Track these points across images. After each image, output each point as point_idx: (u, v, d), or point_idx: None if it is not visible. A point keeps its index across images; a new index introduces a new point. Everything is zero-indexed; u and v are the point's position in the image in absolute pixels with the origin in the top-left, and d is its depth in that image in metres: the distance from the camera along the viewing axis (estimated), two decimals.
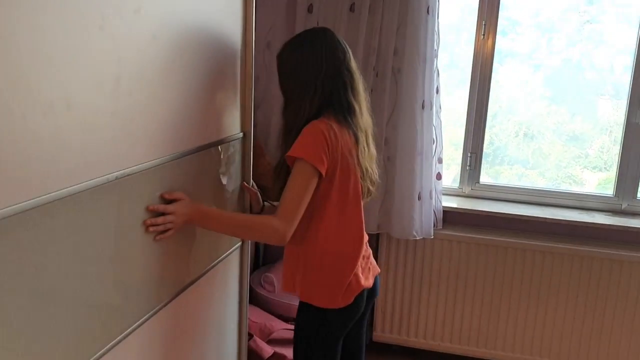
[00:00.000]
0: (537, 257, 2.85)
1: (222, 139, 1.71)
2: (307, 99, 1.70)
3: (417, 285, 2.99)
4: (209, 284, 1.68)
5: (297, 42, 1.78)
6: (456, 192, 3.15)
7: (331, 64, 1.73)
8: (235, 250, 1.82)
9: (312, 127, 1.66)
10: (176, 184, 1.48)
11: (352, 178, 1.74)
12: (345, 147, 1.70)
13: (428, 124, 2.80)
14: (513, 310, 2.91)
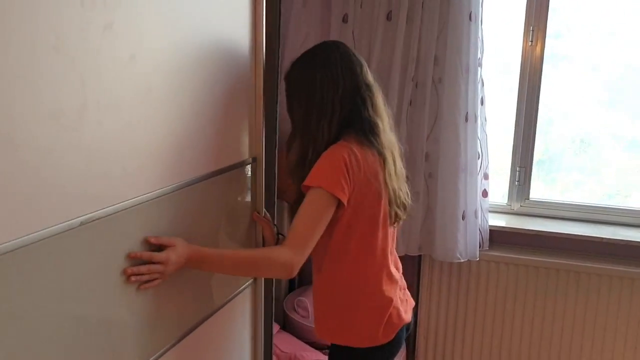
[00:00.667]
0: (592, 280, 2.61)
1: (224, 167, 1.51)
2: (324, 121, 1.55)
3: (462, 311, 2.79)
4: (215, 327, 1.53)
5: (308, 59, 1.62)
6: (504, 209, 2.94)
7: (349, 80, 1.58)
8: (246, 289, 1.65)
9: (331, 152, 1.51)
10: (167, 221, 1.30)
11: (380, 204, 1.57)
12: (370, 171, 1.54)
13: (472, 138, 2.61)
14: (566, 339, 2.68)
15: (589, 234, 2.67)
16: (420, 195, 2.67)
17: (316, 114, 1.56)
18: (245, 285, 1.64)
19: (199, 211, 1.43)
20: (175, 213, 1.33)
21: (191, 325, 1.43)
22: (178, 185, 1.32)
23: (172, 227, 1.32)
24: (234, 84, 1.52)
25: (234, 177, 1.56)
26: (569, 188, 2.97)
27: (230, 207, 1.55)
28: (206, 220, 1.46)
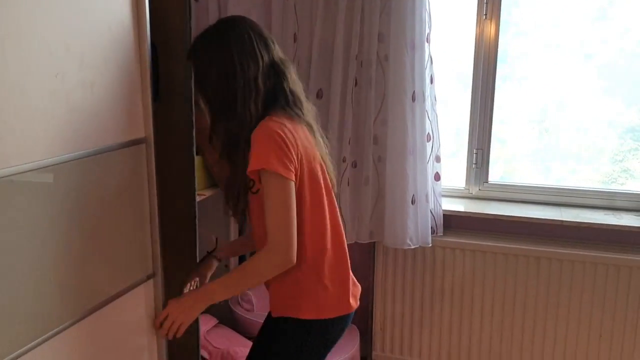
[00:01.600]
0: (554, 266, 2.48)
1: (115, 145, 1.40)
2: (250, 101, 1.48)
3: (418, 299, 2.66)
4: (110, 317, 1.42)
5: (218, 38, 1.50)
6: (462, 193, 2.81)
7: (266, 55, 1.52)
8: (146, 282, 1.53)
9: (264, 130, 1.44)
10: (51, 193, 1.22)
11: (320, 173, 1.55)
12: (305, 143, 1.51)
13: (421, 119, 2.48)
14: (528, 327, 2.55)
15: (549, 217, 2.53)
16: (370, 180, 2.54)
17: (241, 95, 1.48)
18: (141, 278, 1.52)
19: (87, 188, 1.32)
20: (60, 186, 1.24)
21: (82, 312, 1.33)
22: (60, 159, 1.22)
23: (58, 200, 1.23)
24: (121, 63, 1.39)
25: (127, 157, 1.43)
26: (564, 178, 2.84)
27: (121, 187, 1.43)
28: (94, 198, 1.34)
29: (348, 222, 2.56)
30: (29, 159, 1.14)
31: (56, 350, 1.25)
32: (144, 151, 1.47)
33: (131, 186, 1.46)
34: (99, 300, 1.37)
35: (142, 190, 1.49)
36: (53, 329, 1.24)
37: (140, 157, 1.47)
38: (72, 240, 1.27)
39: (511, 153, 2.91)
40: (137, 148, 1.45)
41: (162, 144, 1.54)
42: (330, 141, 2.46)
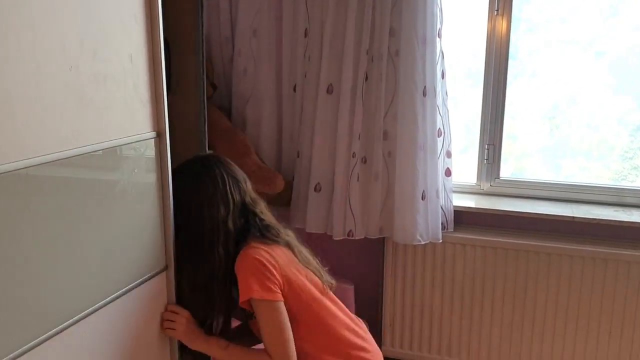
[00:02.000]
0: (564, 262, 2.46)
1: (125, 139, 1.39)
2: (219, 243, 1.54)
3: (428, 296, 2.66)
4: (125, 308, 1.43)
5: (191, 178, 1.57)
6: (473, 189, 2.80)
7: (238, 196, 1.59)
8: (158, 274, 1.54)
9: (243, 260, 1.52)
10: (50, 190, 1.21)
11: (307, 283, 1.61)
12: (285, 258, 1.58)
13: (432, 114, 2.47)
14: (538, 323, 2.54)
15: (560, 213, 2.52)
16: (379, 176, 2.54)
17: (208, 237, 1.53)
18: (158, 270, 1.53)
19: (101, 181, 1.34)
20: (74, 179, 1.25)
21: (96, 304, 1.34)
22: (74, 152, 1.23)
23: (72, 193, 1.23)
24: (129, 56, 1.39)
25: (141, 150, 1.44)
26: (573, 175, 2.82)
27: (135, 181, 1.44)
28: (107, 191, 1.35)
29: (357, 217, 2.56)
30: (42, 151, 1.15)
31: (71, 341, 1.26)
32: (157, 145, 1.48)
33: (145, 180, 1.47)
34: (113, 292, 1.38)
35: (155, 184, 1.49)
36: (68, 320, 1.25)
37: (155, 150, 1.47)
38: (86, 232, 1.28)
39: (522, 150, 2.89)
40: (150, 142, 1.46)
41: (174, 137, 1.55)
42: (339, 136, 2.49)
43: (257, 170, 2.52)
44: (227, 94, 2.77)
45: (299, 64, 2.60)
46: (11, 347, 1.11)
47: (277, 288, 1.50)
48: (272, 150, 2.73)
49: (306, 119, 2.58)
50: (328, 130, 2.53)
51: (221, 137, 2.51)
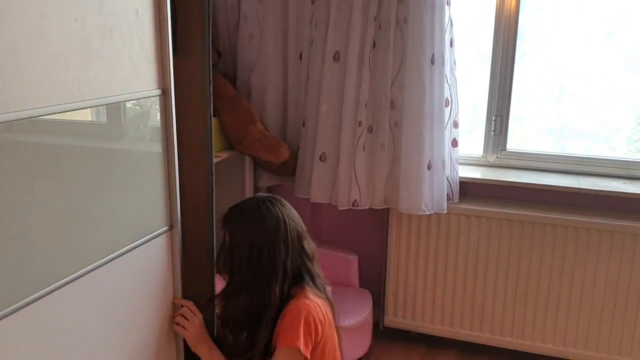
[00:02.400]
0: (569, 233, 2.45)
1: (130, 94, 1.38)
2: (275, 284, 1.57)
3: (431, 266, 2.66)
4: (128, 265, 1.43)
5: (255, 215, 1.59)
6: (480, 161, 2.78)
7: (297, 240, 1.62)
8: (160, 235, 1.54)
9: (299, 308, 1.54)
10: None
11: (335, 347, 1.66)
12: (328, 319, 1.62)
13: (440, 83, 2.44)
14: (542, 294, 2.54)
15: (567, 185, 2.50)
16: (385, 145, 2.52)
17: (266, 277, 1.57)
18: (160, 231, 1.52)
19: (105, 135, 1.32)
20: (79, 131, 1.23)
21: (103, 258, 1.34)
22: (79, 105, 1.21)
23: (77, 145, 1.22)
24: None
25: (146, 107, 1.42)
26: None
27: (140, 137, 1.42)
28: (112, 146, 1.34)
29: (363, 187, 2.55)
30: (48, 102, 1.13)
31: (78, 293, 1.26)
32: (163, 102, 1.46)
33: (149, 137, 1.45)
34: (118, 249, 1.37)
35: (160, 143, 1.48)
36: (77, 272, 1.25)
37: (160, 108, 1.46)
38: (91, 188, 1.27)
39: (527, 131, 2.85)
40: (156, 99, 1.44)
41: (179, 99, 1.53)
42: (346, 105, 2.46)
43: (262, 139, 2.50)
44: (232, 61, 2.74)
45: (306, 31, 2.56)
46: (21, 296, 1.12)
47: (311, 345, 1.55)
48: (277, 119, 2.71)
49: (312, 87, 2.56)
50: (334, 99, 2.51)
51: (226, 104, 2.49)
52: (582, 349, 2.52)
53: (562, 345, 2.55)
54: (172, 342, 1.63)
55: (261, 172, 2.72)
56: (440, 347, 2.77)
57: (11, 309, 1.10)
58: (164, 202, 1.52)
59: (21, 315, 1.12)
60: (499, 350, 2.68)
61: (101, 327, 1.35)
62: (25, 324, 1.13)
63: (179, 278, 1.58)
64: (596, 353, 2.51)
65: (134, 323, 1.47)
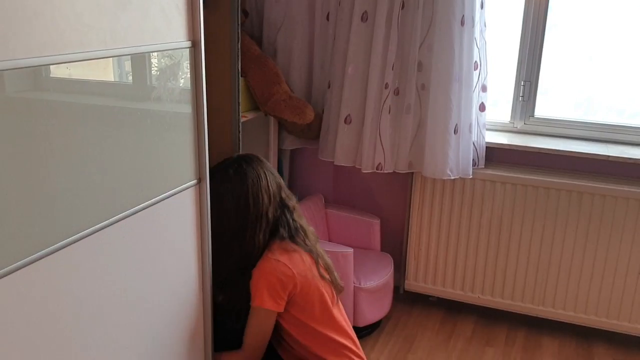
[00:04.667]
0: (596, 201, 2.42)
1: (160, 45, 1.37)
2: (259, 233, 1.70)
3: (454, 231, 2.65)
4: (156, 216, 1.45)
5: (238, 171, 1.71)
6: (507, 127, 2.74)
7: (277, 192, 1.76)
8: (189, 188, 1.55)
9: (264, 270, 1.67)
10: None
11: (320, 293, 1.75)
12: (302, 273, 1.70)
13: (469, 45, 2.40)
14: (565, 261, 2.52)
15: (594, 152, 2.46)
16: (411, 108, 2.50)
17: (251, 225, 1.70)
18: (189, 184, 1.54)
19: (136, 86, 1.32)
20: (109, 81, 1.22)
21: (131, 209, 1.36)
22: (107, 53, 1.22)
23: (107, 94, 1.21)
24: None
25: (175, 58, 1.42)
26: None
27: (169, 90, 1.42)
28: (142, 97, 1.35)
29: (387, 151, 2.54)
30: (80, 48, 1.13)
31: (108, 241, 1.28)
32: (192, 54, 1.45)
33: (180, 90, 1.45)
34: (148, 199, 1.39)
35: (190, 96, 1.48)
36: (106, 220, 1.27)
37: (190, 60, 1.45)
38: (121, 138, 1.28)
39: (553, 102, 2.78)
40: (186, 51, 1.44)
41: (207, 51, 1.52)
42: (372, 66, 2.44)
43: (287, 100, 2.50)
44: (259, 21, 2.71)
45: None
46: (52, 241, 1.14)
47: (282, 301, 1.67)
48: (302, 81, 2.69)
49: (339, 48, 2.53)
50: (361, 60, 2.48)
51: (252, 64, 2.48)
52: (604, 317, 2.52)
53: (583, 313, 2.55)
54: (199, 293, 1.65)
55: (285, 135, 2.72)
56: (459, 312, 2.79)
57: (45, 252, 1.12)
58: (193, 156, 1.52)
59: (52, 260, 1.14)
60: (519, 317, 2.69)
61: (130, 276, 1.38)
62: (54, 270, 1.15)
63: (206, 230, 1.60)
64: (617, 322, 2.51)
65: (162, 273, 1.49)
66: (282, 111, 2.48)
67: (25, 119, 1.05)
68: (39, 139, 1.08)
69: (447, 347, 2.54)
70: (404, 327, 2.68)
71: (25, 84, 1.05)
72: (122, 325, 1.37)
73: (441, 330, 2.67)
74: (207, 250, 1.63)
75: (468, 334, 2.65)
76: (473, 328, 2.70)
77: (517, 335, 2.65)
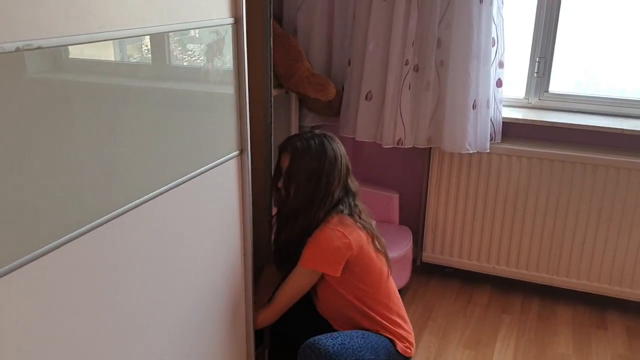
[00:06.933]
0: (610, 173, 2.50)
1: (202, 22, 1.42)
2: (323, 209, 1.78)
3: (471, 204, 2.74)
4: (201, 186, 1.51)
5: (319, 147, 1.79)
6: (521, 103, 2.81)
7: (345, 174, 1.84)
8: (232, 159, 1.62)
9: (325, 237, 1.75)
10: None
11: (373, 264, 1.82)
12: (359, 242, 1.77)
13: (487, 22, 2.46)
14: (580, 232, 2.61)
15: (607, 126, 2.53)
16: (430, 85, 2.57)
17: (318, 202, 1.78)
18: (232, 155, 1.61)
19: (178, 63, 1.38)
20: (154, 58, 1.28)
21: (177, 179, 1.42)
22: (149, 30, 1.26)
23: (150, 72, 1.27)
24: None
25: (218, 34, 1.48)
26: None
27: (212, 66, 1.49)
28: (187, 73, 1.41)
29: (407, 126, 2.61)
30: (143, 23, 1.20)
31: (156, 211, 1.35)
32: (235, 30, 1.52)
33: (224, 65, 1.52)
34: (193, 169, 1.46)
35: (233, 70, 1.55)
36: (153, 191, 1.32)
37: (233, 36, 1.52)
38: (169, 111, 1.34)
39: (563, 81, 2.84)
40: (229, 27, 1.50)
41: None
42: (393, 43, 2.50)
43: (309, 77, 2.56)
44: (279, 0, 2.77)
45: None
46: (107, 209, 1.19)
47: (339, 265, 1.74)
48: (322, 58, 2.76)
49: (359, 26, 2.59)
50: (381, 38, 2.54)
51: (276, 41, 2.52)
52: (617, 286, 2.61)
53: (597, 282, 2.64)
54: (241, 257, 1.73)
55: (306, 112, 2.78)
56: (475, 282, 2.89)
57: (100, 221, 1.18)
58: (236, 129, 1.60)
59: (99, 233, 1.18)
60: (533, 286, 2.78)
61: (175, 246, 1.45)
62: (100, 243, 1.19)
63: (248, 199, 1.68)
64: (630, 290, 2.60)
65: (207, 239, 1.57)
66: (305, 88, 2.55)
67: (91, 99, 1.11)
68: (105, 119, 1.14)
69: (465, 315, 2.64)
70: (422, 296, 2.78)
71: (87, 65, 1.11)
72: (169, 292, 1.45)
73: (458, 299, 2.77)
74: (248, 217, 1.71)
75: (484, 303, 2.75)
76: (489, 297, 2.79)
77: (532, 303, 2.75)
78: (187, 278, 1.51)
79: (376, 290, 1.83)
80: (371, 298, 1.83)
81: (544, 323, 2.60)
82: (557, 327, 2.57)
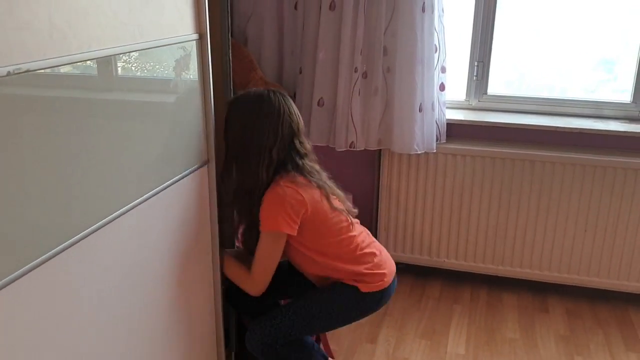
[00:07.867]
0: (546, 168, 2.71)
1: (167, 39, 1.47)
2: (262, 166, 1.73)
3: (420, 202, 2.89)
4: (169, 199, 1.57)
5: (255, 102, 1.74)
6: (462, 105, 2.99)
7: (288, 132, 1.75)
8: (200, 168, 1.68)
9: (274, 196, 1.71)
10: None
11: (331, 222, 1.81)
12: (313, 200, 1.75)
13: (429, 30, 2.61)
14: (521, 224, 2.80)
15: (542, 124, 2.74)
16: (379, 90, 2.70)
17: (253, 157, 1.73)
18: (200, 164, 1.67)
19: (144, 77, 1.44)
20: (120, 75, 1.34)
21: (144, 194, 1.46)
22: (122, 49, 1.32)
23: (117, 87, 1.33)
24: None
25: (182, 50, 1.55)
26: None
27: (176, 82, 1.55)
28: (152, 87, 1.47)
29: (359, 130, 2.73)
30: (117, 42, 1.26)
31: (122, 228, 1.38)
32: (199, 46, 1.59)
33: (189, 79, 1.58)
34: (160, 183, 1.51)
35: (198, 84, 1.61)
36: (120, 209, 1.35)
37: (197, 51, 1.58)
38: (135, 127, 1.39)
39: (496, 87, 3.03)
40: (191, 43, 1.57)
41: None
42: (342, 52, 2.61)
43: (263, 85, 2.64)
44: (229, 12, 2.83)
45: None
46: (72, 233, 1.21)
47: (295, 224, 1.72)
48: (273, 68, 2.84)
49: (308, 36, 2.69)
50: (331, 46, 2.65)
51: None
52: (556, 272, 2.82)
53: (538, 269, 2.84)
54: (209, 270, 1.80)
55: None
56: (427, 276, 3.04)
57: (62, 247, 1.17)
58: (202, 139, 1.66)
59: (72, 252, 1.19)
60: (481, 277, 2.96)
61: (146, 260, 1.49)
62: (74, 260, 1.20)
63: (215, 206, 1.74)
64: (568, 275, 2.81)
65: (176, 252, 1.63)
66: None
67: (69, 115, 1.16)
68: (74, 134, 1.19)
69: (419, 307, 2.79)
70: None
71: (79, 81, 1.15)
72: (134, 308, 1.50)
73: (412, 293, 2.91)
74: (215, 222, 1.79)
75: (436, 295, 2.90)
76: (441, 289, 2.95)
77: (480, 293, 2.92)
78: (152, 295, 1.54)
79: (337, 245, 1.84)
80: (333, 253, 1.84)
81: (492, 310, 2.77)
82: (505, 313, 2.75)
